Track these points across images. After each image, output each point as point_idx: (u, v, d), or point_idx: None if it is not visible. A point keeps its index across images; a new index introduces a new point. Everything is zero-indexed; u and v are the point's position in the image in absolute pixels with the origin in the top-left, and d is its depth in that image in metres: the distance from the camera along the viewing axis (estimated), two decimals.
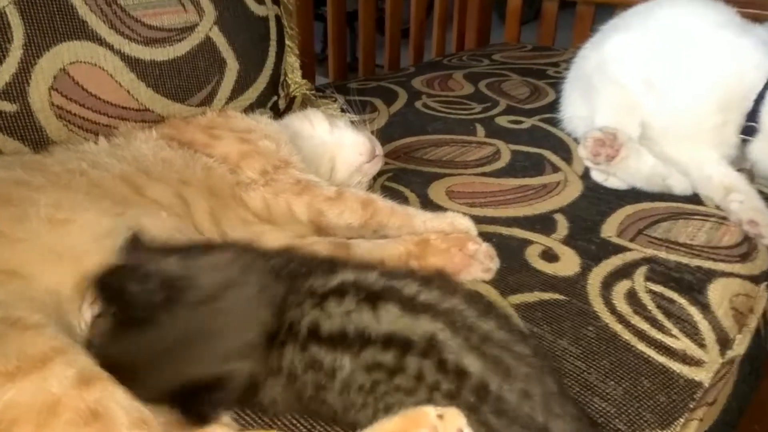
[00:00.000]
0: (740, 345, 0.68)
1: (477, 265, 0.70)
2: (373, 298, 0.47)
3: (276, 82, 1.03)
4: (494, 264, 0.72)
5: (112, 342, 0.48)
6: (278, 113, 1.04)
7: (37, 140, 0.75)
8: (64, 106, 0.77)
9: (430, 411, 0.44)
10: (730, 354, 0.66)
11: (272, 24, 1.01)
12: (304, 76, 1.19)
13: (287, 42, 1.08)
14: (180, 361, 0.47)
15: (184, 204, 0.67)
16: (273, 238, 0.70)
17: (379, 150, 0.89)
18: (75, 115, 0.78)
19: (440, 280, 0.52)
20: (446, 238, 0.71)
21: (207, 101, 0.90)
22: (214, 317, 0.48)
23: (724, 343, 0.66)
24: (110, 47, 0.80)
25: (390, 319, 0.46)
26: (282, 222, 0.73)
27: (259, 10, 0.98)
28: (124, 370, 0.46)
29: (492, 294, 0.69)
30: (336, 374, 0.46)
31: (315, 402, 0.48)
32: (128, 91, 0.82)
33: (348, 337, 0.46)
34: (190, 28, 0.87)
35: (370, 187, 0.91)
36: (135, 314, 0.47)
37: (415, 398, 0.44)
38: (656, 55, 0.98)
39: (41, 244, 0.55)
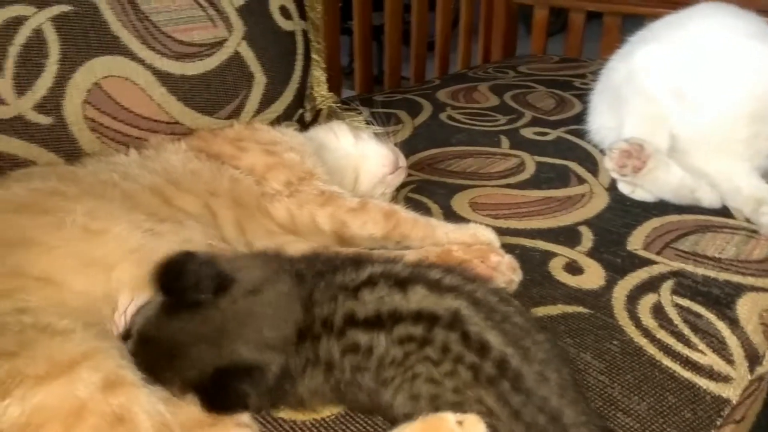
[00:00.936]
0: None
1: (499, 277, 0.70)
2: (402, 282, 0.51)
3: (302, 95, 1.05)
4: (517, 276, 0.72)
5: (158, 324, 0.50)
6: (304, 125, 1.05)
7: (71, 152, 0.78)
8: (97, 118, 0.79)
9: (449, 417, 0.45)
10: (759, 370, 0.65)
11: (299, 39, 1.03)
12: (330, 89, 1.20)
13: (314, 56, 1.10)
14: (221, 346, 0.49)
15: (211, 214, 0.69)
16: (296, 249, 0.71)
17: (403, 161, 0.90)
18: (107, 127, 0.80)
19: (461, 270, 0.55)
20: (468, 250, 0.71)
21: (235, 114, 0.92)
22: (255, 309, 0.51)
23: (754, 359, 0.65)
24: (142, 62, 0.82)
25: (418, 298, 0.50)
26: (305, 233, 0.74)
27: (286, 25, 1.00)
28: (166, 349, 0.49)
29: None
30: (372, 352, 0.49)
31: (352, 387, 0.50)
32: (159, 105, 0.84)
33: (382, 317, 0.49)
34: (219, 43, 0.89)
35: (394, 198, 0.91)
36: (186, 300, 0.50)
37: (441, 369, 0.47)
38: (687, 66, 0.97)
39: (75, 252, 0.57)
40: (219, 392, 0.48)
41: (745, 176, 0.94)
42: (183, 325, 0.50)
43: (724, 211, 0.91)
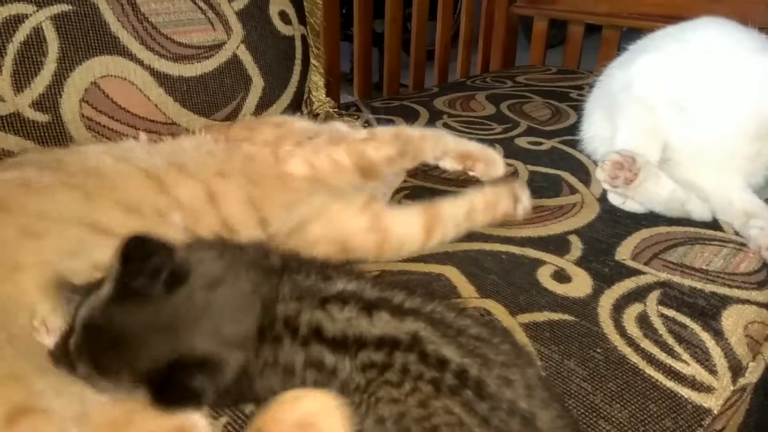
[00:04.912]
0: (753, 373, 0.67)
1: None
2: (369, 306, 0.51)
3: (299, 100, 1.06)
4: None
5: (107, 313, 0.49)
6: None
7: None
8: (94, 117, 0.80)
9: None
10: (742, 381, 0.65)
11: (298, 43, 1.04)
12: (329, 95, 1.22)
13: (312, 61, 1.11)
14: (176, 338, 0.48)
15: (210, 200, 0.68)
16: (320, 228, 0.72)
17: None
18: (104, 126, 0.81)
19: (423, 290, 0.56)
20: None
21: (232, 116, 0.93)
22: (213, 303, 0.50)
23: (737, 370, 0.65)
24: (140, 62, 0.83)
25: (382, 324, 0.50)
26: (329, 177, 0.76)
27: (285, 30, 1.01)
28: (115, 339, 0.47)
29: (501, 312, 0.69)
30: (336, 375, 0.49)
31: None
32: (156, 105, 0.85)
33: (348, 341, 0.49)
34: (218, 46, 0.91)
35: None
36: (142, 287, 0.48)
37: (402, 389, 0.47)
38: (689, 78, 0.97)
39: (6, 256, 0.54)
40: (172, 387, 0.46)
41: (738, 191, 0.94)
42: (135, 314, 0.48)
43: (714, 224, 0.92)
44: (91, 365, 0.48)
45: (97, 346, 0.48)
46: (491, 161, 0.87)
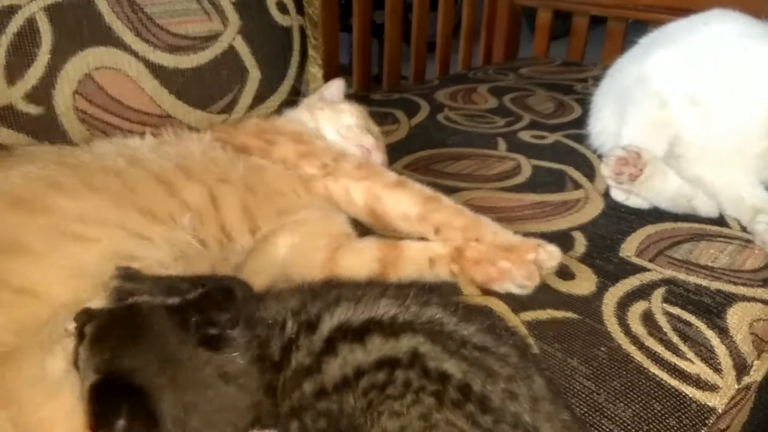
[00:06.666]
0: (758, 371, 0.66)
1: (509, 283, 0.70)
2: (359, 334, 0.48)
3: (297, 92, 1.04)
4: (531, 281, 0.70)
5: (155, 311, 0.48)
6: None
7: (60, 143, 0.77)
8: (88, 110, 0.79)
9: None
10: (746, 380, 0.64)
11: (296, 34, 1.02)
12: None
13: (310, 52, 1.09)
14: (165, 380, 0.46)
15: (213, 204, 0.68)
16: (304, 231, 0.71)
17: (368, 142, 0.87)
18: (98, 119, 0.80)
19: (416, 289, 0.53)
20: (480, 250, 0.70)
21: (228, 109, 0.92)
22: (215, 395, 0.48)
23: (741, 368, 0.64)
24: (135, 54, 0.82)
25: (376, 348, 0.48)
26: (342, 208, 0.75)
27: (283, 20, 0.99)
28: (130, 333, 0.47)
29: (503, 310, 0.68)
30: (343, 412, 0.47)
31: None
32: (151, 97, 0.84)
33: (348, 379, 0.47)
34: (213, 37, 0.89)
35: None
36: (194, 325, 0.48)
37: (404, 401, 0.45)
38: (704, 74, 0.95)
39: (63, 264, 0.55)
40: (108, 397, 0.44)
41: (749, 186, 0.93)
42: (166, 333, 0.47)
43: (720, 220, 0.91)
44: (95, 331, 0.47)
45: (115, 326, 0.48)
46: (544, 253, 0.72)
